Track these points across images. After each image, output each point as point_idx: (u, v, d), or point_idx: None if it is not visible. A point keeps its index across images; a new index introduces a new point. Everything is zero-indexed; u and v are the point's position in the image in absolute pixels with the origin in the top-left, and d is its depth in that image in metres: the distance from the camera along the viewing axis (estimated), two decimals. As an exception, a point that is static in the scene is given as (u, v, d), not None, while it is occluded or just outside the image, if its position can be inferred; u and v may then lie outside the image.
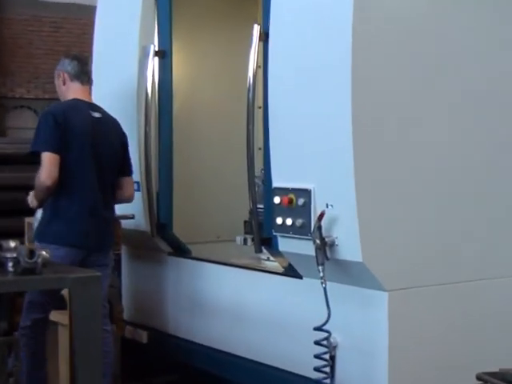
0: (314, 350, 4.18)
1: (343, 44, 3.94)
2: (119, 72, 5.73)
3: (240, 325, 4.96)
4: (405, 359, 4.09)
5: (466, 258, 4.33)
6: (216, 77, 6.00)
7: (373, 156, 4.00)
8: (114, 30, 5.86)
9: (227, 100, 5.80)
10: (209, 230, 5.90)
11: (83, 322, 3.77)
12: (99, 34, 6.05)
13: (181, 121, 5.70)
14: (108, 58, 5.90)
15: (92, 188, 5.05)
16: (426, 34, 4.18)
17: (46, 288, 4.98)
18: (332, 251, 4.04)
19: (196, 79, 6.00)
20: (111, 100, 5.81)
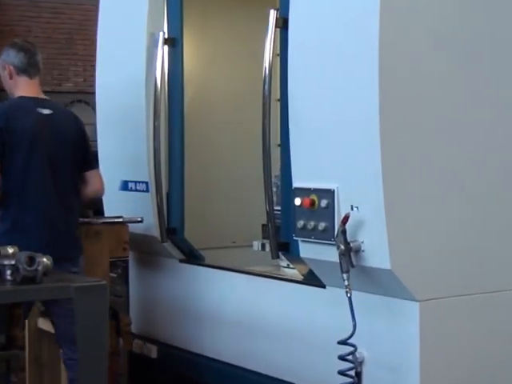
0: (338, 365, 4.17)
1: (370, 30, 3.94)
2: (125, 62, 5.77)
3: (257, 338, 4.98)
4: (438, 376, 4.09)
5: (504, 265, 4.32)
6: (230, 66, 6.03)
7: (402, 153, 4.00)
8: (119, 15, 5.89)
9: (243, 92, 5.83)
10: (223, 234, 5.92)
11: (88, 333, 3.79)
12: (103, 21, 6.09)
13: (192, 114, 5.73)
14: (113, 46, 5.94)
15: (46, 194, 5.02)
16: (458, 22, 4.18)
17: (47, 298, 5.03)
18: (358, 257, 4.05)
19: (209, 69, 6.03)
20: (116, 92, 5.87)
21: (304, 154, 4.37)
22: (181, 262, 5.64)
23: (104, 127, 6.10)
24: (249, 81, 5.50)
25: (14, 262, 3.69)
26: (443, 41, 4.12)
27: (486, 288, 4.24)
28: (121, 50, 5.84)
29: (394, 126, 3.98)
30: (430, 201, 4.08)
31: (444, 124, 4.13)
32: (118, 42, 5.87)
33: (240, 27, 6.00)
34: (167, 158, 5.60)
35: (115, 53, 5.90)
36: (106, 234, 5.32)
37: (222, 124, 6.02)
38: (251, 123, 5.08)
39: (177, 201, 5.57)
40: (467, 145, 4.21)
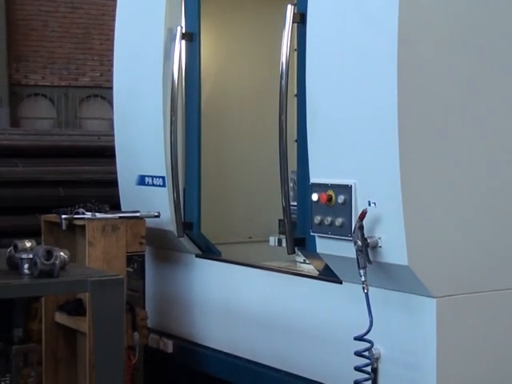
0: (355, 361, 4.17)
1: (389, 26, 3.93)
2: (143, 56, 5.76)
3: (272, 333, 4.98)
4: (455, 373, 4.08)
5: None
6: (248, 61, 6.03)
7: (420, 148, 3.99)
8: (137, 10, 5.89)
9: (260, 87, 5.82)
10: (240, 229, 5.94)
11: (104, 328, 3.80)
12: (121, 15, 6.09)
13: (210, 109, 5.73)
14: (131, 41, 5.94)
15: None
16: (476, 19, 4.16)
17: (65, 292, 5.05)
18: (375, 253, 4.05)
19: (226, 64, 6.03)
20: (134, 87, 5.87)
21: (321, 149, 4.37)
22: (197, 256, 5.64)
23: (121, 122, 6.10)
24: (266, 76, 5.51)
25: (31, 255, 3.70)
26: (462, 38, 4.10)
27: (504, 285, 4.23)
28: (138, 45, 5.83)
29: (412, 122, 3.96)
30: (447, 197, 4.06)
31: (461, 120, 4.12)
32: (136, 36, 5.87)
33: (258, 22, 6.00)
34: (184, 153, 5.60)
35: (133, 47, 5.90)
36: (123, 228, 5.32)
37: (239, 119, 6.03)
38: (268, 118, 5.08)
39: (193, 195, 5.56)
40: (485, 142, 4.19)
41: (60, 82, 15.13)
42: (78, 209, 5.35)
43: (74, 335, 5.54)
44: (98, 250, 5.22)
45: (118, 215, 5.44)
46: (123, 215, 5.47)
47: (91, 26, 14.81)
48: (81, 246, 5.33)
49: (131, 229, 5.38)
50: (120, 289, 3.86)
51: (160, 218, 5.53)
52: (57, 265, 3.69)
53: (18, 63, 14.79)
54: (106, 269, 4.99)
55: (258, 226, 5.89)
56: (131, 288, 5.60)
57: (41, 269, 3.66)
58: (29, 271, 3.69)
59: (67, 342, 5.59)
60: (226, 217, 5.88)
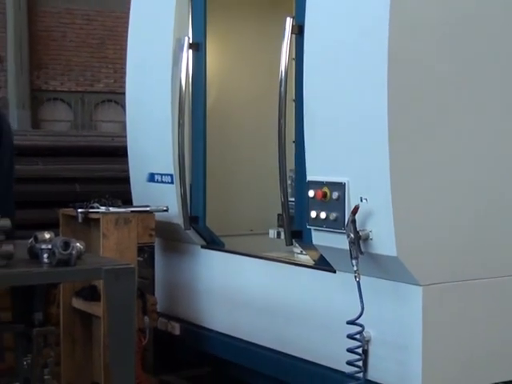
0: (347, 343, 4.16)
1: (380, 36, 3.91)
2: (153, 64, 5.74)
3: (271, 318, 4.96)
4: (439, 355, 4.06)
5: (504, 252, 4.29)
6: (250, 70, 6.01)
7: (408, 149, 3.98)
8: (148, 22, 5.87)
9: (261, 93, 5.80)
10: (242, 222, 5.92)
11: (117, 312, 3.79)
12: (134, 27, 6.06)
13: (214, 113, 5.71)
14: (142, 50, 5.92)
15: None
16: (466, 25, 4.14)
17: (81, 279, 5.03)
18: (366, 245, 4.03)
19: (229, 72, 6.02)
20: (145, 92, 5.86)
21: (317, 149, 4.35)
22: (202, 247, 5.63)
23: (133, 124, 6.08)
24: (266, 82, 5.48)
25: (50, 246, 3.69)
26: (449, 45, 4.08)
27: (486, 274, 4.21)
28: (149, 54, 5.81)
29: (401, 125, 3.95)
30: (434, 193, 4.05)
31: (448, 122, 4.10)
32: (147, 46, 5.85)
33: (259, 33, 5.98)
34: (190, 153, 5.58)
35: (144, 56, 5.89)
36: (135, 221, 5.30)
37: (241, 122, 6.01)
38: (268, 121, 5.06)
39: (199, 192, 5.54)
40: (471, 141, 4.17)
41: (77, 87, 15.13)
42: (93, 203, 5.34)
43: (90, 319, 5.52)
44: (111, 241, 5.20)
45: (129, 209, 5.41)
46: (134, 209, 5.45)
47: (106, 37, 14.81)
48: (95, 238, 5.31)
49: (142, 222, 5.36)
50: (132, 277, 3.84)
51: (168, 212, 5.51)
52: (73, 254, 3.67)
53: (38, 70, 14.80)
54: (118, 258, 4.98)
55: (258, 219, 5.87)
56: (142, 276, 5.59)
57: (59, 258, 3.65)
58: (48, 260, 3.67)
59: (83, 324, 5.57)
60: (229, 211, 5.87)
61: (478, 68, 4.19)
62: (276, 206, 4.93)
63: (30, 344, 3.87)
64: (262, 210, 5.81)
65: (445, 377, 4.04)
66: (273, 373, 4.94)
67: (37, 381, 3.84)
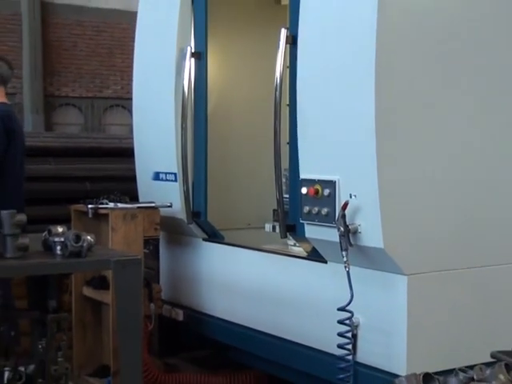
0: (338, 328, 4.16)
1: (367, 46, 3.90)
2: (158, 72, 5.72)
3: (268, 305, 4.94)
4: (422, 338, 4.06)
5: (484, 244, 4.28)
6: (248, 77, 5.99)
7: (394, 149, 3.97)
8: (153, 33, 5.85)
9: (258, 98, 5.76)
10: (240, 217, 5.90)
11: (125, 300, 3.78)
12: (140, 37, 6.04)
13: (215, 117, 5.69)
14: (148, 59, 5.90)
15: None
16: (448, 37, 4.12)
17: (91, 270, 5.02)
18: (355, 238, 4.02)
19: (229, 79, 6.00)
20: (150, 98, 5.85)
21: (309, 150, 4.34)
22: (204, 240, 5.61)
23: (139, 127, 6.06)
24: (263, 89, 5.45)
25: (63, 239, 3.69)
26: (432, 53, 4.07)
27: (466, 264, 4.20)
28: (154, 62, 5.80)
29: (387, 127, 3.94)
30: (418, 190, 4.04)
31: (430, 124, 4.09)
32: (152, 55, 5.84)
33: (256, 43, 5.95)
34: (193, 153, 5.56)
35: (149, 64, 5.87)
36: (141, 216, 5.29)
37: (239, 125, 6.00)
38: (264, 124, 5.03)
39: (201, 189, 5.53)
40: (452, 140, 4.16)
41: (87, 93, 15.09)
42: (103, 200, 5.34)
43: (99, 306, 5.52)
44: (119, 235, 5.19)
45: (136, 205, 5.41)
46: (141, 205, 5.44)
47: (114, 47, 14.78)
48: (105, 232, 5.30)
49: (148, 217, 5.35)
50: (138, 267, 3.84)
51: (172, 207, 5.50)
52: (84, 247, 3.67)
53: (51, 78, 14.76)
54: (126, 250, 4.96)
55: (255, 214, 5.85)
56: (148, 266, 5.58)
57: (71, 250, 3.65)
58: (61, 252, 3.67)
59: (93, 311, 5.56)
60: (228, 207, 5.85)
61: (458, 74, 4.18)
62: (272, 202, 4.93)
63: (45, 329, 3.86)
64: (259, 206, 5.79)
65: (427, 359, 4.02)
66: (268, 355, 4.93)
67: (51, 363, 3.82)
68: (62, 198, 6.59)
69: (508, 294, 4.38)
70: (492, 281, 4.31)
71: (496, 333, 4.23)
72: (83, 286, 5.50)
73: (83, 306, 5.55)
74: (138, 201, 5.74)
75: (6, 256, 3.61)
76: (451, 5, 4.15)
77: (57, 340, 3.89)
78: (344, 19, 4.09)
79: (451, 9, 4.15)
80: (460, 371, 2.62)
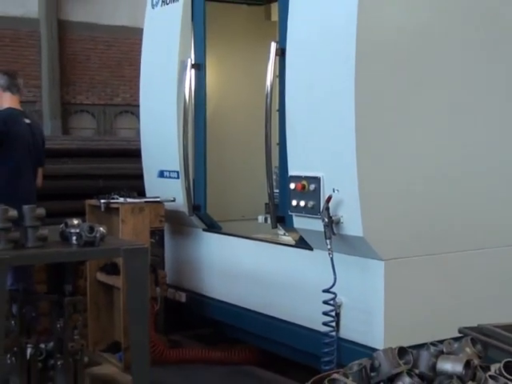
0: (323, 308, 4.17)
1: (348, 58, 3.90)
2: (162, 82, 5.69)
3: (261, 287, 4.94)
4: (398, 316, 4.06)
5: (452, 233, 4.28)
6: (242, 85, 5.98)
7: (373, 149, 3.96)
8: (157, 47, 5.82)
9: (251, 104, 5.75)
10: (236, 210, 5.89)
11: (134, 284, 3.77)
12: (146, 51, 6.02)
13: (213, 121, 5.67)
14: (153, 70, 5.87)
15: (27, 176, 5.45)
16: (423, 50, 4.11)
17: (104, 257, 5.00)
18: (338, 228, 4.02)
19: (225, 87, 5.99)
20: (155, 105, 5.82)
21: (297, 150, 4.34)
22: (203, 230, 5.59)
23: (146, 131, 6.03)
24: (255, 96, 5.42)
25: (78, 230, 3.67)
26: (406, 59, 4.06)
27: (437, 250, 4.21)
28: (159, 73, 5.77)
29: (366, 131, 3.94)
30: (394, 185, 4.04)
31: (407, 125, 4.09)
32: (157, 66, 5.81)
33: (249, 55, 5.94)
34: (193, 153, 5.53)
35: (154, 75, 5.84)
36: (148, 210, 5.27)
37: (234, 128, 5.98)
38: (257, 127, 5.00)
39: (200, 185, 5.51)
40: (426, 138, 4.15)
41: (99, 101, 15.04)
42: (114, 195, 5.31)
43: (111, 289, 5.49)
44: (128, 226, 5.16)
45: (143, 200, 5.38)
46: (147, 200, 5.42)
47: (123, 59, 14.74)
48: (115, 223, 5.27)
49: (153, 210, 5.33)
50: (145, 255, 3.83)
51: (175, 202, 5.48)
52: (97, 237, 3.66)
53: (67, 87, 14.72)
54: (134, 240, 4.94)
55: (249, 207, 5.84)
56: (154, 254, 5.55)
57: (85, 240, 3.63)
58: (76, 242, 3.66)
59: (106, 294, 5.53)
60: (225, 201, 5.83)
61: (431, 77, 4.17)
62: (264, 197, 4.91)
63: (62, 310, 3.84)
64: (252, 200, 5.77)
65: (402, 334, 4.01)
66: (261, 332, 4.93)
67: (68, 340, 3.81)
68: (78, 193, 6.55)
69: (474, 276, 4.39)
70: (459, 265, 4.32)
71: (463, 311, 4.23)
72: (97, 272, 5.47)
73: (97, 290, 5.52)
74: (145, 196, 5.71)
75: (27, 246, 3.59)
76: (423, 18, 4.14)
77: (73, 320, 3.87)
78: (327, 34, 4.09)
79: (423, 21, 4.14)
80: (431, 345, 2.61)
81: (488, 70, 4.40)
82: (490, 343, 3.00)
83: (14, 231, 3.56)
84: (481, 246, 4.39)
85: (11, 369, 3.73)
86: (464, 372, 2.40)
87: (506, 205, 4.51)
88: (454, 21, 4.25)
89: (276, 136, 4.68)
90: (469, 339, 2.65)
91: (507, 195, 4.51)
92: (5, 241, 3.52)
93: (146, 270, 3.87)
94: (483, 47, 4.36)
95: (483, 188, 4.41)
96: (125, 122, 15.09)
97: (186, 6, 5.49)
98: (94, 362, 4.25)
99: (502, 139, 4.49)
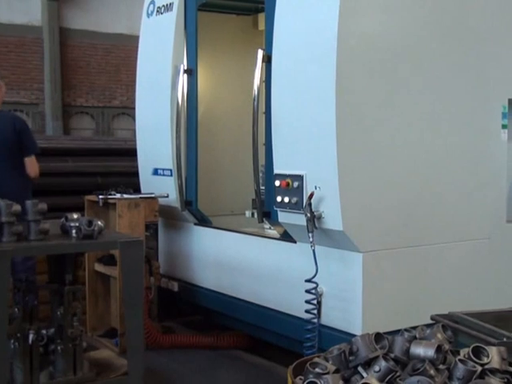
0: (305, 296, 4.17)
1: (329, 65, 3.89)
2: (157, 86, 5.66)
3: (248, 278, 4.93)
4: (375, 304, 4.06)
5: (426, 227, 4.29)
6: (231, 89, 5.95)
7: (352, 149, 3.95)
8: (152, 53, 5.79)
9: (240, 107, 5.74)
10: (225, 205, 5.87)
11: (129, 274, 3.75)
12: (141, 57, 5.99)
13: (204, 123, 5.65)
14: (148, 75, 5.84)
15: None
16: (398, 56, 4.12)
17: (101, 249, 4.97)
18: (319, 222, 4.01)
19: (216, 91, 5.96)
20: (150, 108, 5.79)
21: (282, 150, 4.32)
22: (195, 225, 5.57)
23: (141, 131, 6.00)
24: (243, 99, 5.42)
25: (77, 224, 3.65)
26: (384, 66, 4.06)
27: (412, 243, 4.22)
28: (153, 78, 5.74)
29: (346, 132, 3.93)
30: (372, 182, 4.03)
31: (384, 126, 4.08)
32: (152, 71, 5.78)
33: (238, 61, 5.92)
34: (186, 152, 5.51)
35: (150, 79, 5.81)
36: (143, 205, 5.26)
37: (224, 129, 5.96)
38: (245, 128, 5.01)
39: (192, 182, 5.49)
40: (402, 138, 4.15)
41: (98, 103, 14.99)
42: (111, 192, 5.28)
43: (108, 279, 5.48)
44: (124, 220, 5.15)
45: (138, 196, 5.37)
46: (142, 196, 5.40)
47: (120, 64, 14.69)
48: (112, 218, 5.26)
49: (148, 205, 5.31)
50: (140, 247, 3.80)
51: (168, 198, 5.46)
52: (96, 230, 3.64)
53: (69, 90, 14.65)
54: (130, 233, 4.93)
55: (237, 203, 5.83)
56: (148, 246, 5.55)
57: (84, 233, 3.61)
58: (76, 235, 3.64)
59: (103, 284, 5.52)
60: (215, 197, 5.81)
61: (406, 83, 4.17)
62: (251, 193, 4.90)
63: (62, 299, 3.82)
64: (240, 196, 5.76)
65: (379, 321, 4.02)
66: (248, 319, 4.92)
67: (68, 326, 3.78)
68: (78, 190, 6.52)
69: (445, 267, 4.39)
70: (432, 257, 4.33)
71: (435, 299, 4.24)
72: (95, 263, 5.46)
73: (95, 280, 5.50)
74: (140, 192, 5.70)
75: (29, 238, 3.57)
76: (400, 27, 4.15)
77: (73, 308, 3.85)
78: (310, 42, 4.07)
79: (400, 29, 4.14)
80: (405, 331, 2.61)
81: (459, 76, 4.41)
82: (460, 329, 3.01)
83: (17, 225, 3.54)
84: (452, 240, 4.40)
85: (14, 353, 3.70)
86: (435, 356, 2.40)
87: (476, 201, 4.52)
88: (429, 29, 4.25)
89: (262, 137, 4.67)
90: (440, 326, 2.66)
91: (477, 192, 4.53)
92: (9, 234, 3.50)
93: (141, 261, 3.85)
94: (455, 54, 4.37)
95: (455, 185, 4.42)
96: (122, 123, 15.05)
97: (179, 15, 5.46)
98: (91, 347, 4.22)
99: (473, 140, 4.50)
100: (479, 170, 4.54)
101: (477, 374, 2.36)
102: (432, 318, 3.20)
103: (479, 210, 4.53)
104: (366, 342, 2.45)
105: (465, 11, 4.42)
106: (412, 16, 4.18)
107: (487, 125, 4.57)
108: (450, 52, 4.35)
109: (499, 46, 4.59)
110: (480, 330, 2.94)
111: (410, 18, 4.17)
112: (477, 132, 4.52)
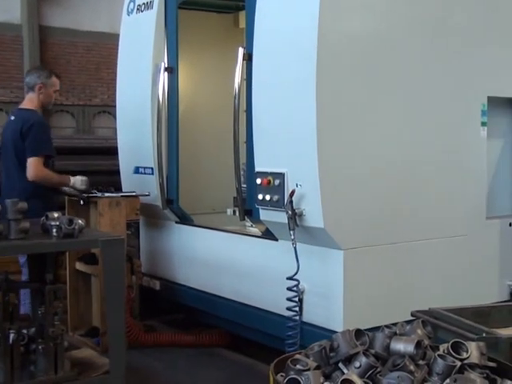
0: (287, 294, 4.17)
1: (309, 63, 3.90)
2: (137, 84, 5.64)
3: (230, 275, 4.92)
4: (356, 301, 4.08)
5: (405, 225, 4.31)
6: (212, 87, 5.96)
7: (332, 148, 3.97)
8: (133, 51, 5.77)
9: (221, 105, 5.72)
10: (206, 203, 5.88)
11: (111, 273, 3.72)
12: (122, 55, 5.96)
13: (185, 121, 5.64)
14: (129, 73, 5.82)
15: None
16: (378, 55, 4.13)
17: (82, 248, 4.94)
18: (300, 220, 4.02)
19: (196, 89, 5.96)
20: (131, 106, 5.77)
21: (263, 148, 4.33)
22: (176, 223, 5.56)
23: (122, 129, 5.98)
24: (224, 97, 5.40)
25: (58, 223, 3.62)
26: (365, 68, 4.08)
27: (392, 240, 4.24)
28: (134, 76, 5.71)
29: (326, 130, 3.94)
30: (352, 181, 4.05)
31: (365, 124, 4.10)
32: (132, 70, 5.75)
33: (219, 59, 5.93)
34: (167, 151, 5.50)
35: (130, 77, 5.78)
36: (124, 203, 5.23)
37: (205, 127, 5.96)
38: (226, 127, 4.99)
39: (173, 180, 5.47)
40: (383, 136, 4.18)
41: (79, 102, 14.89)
42: (92, 190, 5.25)
43: (90, 278, 5.44)
44: (106, 219, 5.12)
45: (120, 194, 5.33)
46: (124, 194, 5.37)
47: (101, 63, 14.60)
48: (94, 216, 5.23)
49: (129, 204, 5.29)
50: (122, 245, 3.78)
51: (150, 196, 5.44)
52: (76, 229, 3.60)
53: (48, 89, 14.54)
54: (111, 232, 4.90)
55: (219, 201, 5.83)
56: (130, 245, 5.53)
57: (65, 232, 3.58)
58: (56, 234, 3.60)
59: (84, 282, 5.48)
60: (196, 195, 5.81)
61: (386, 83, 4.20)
62: (232, 191, 4.89)
63: (44, 298, 3.78)
64: (222, 194, 5.75)
65: (359, 318, 4.04)
66: (230, 317, 4.92)
67: (49, 326, 3.75)
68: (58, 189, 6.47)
69: (425, 264, 4.43)
70: (412, 254, 4.36)
71: (415, 296, 4.28)
72: (76, 262, 5.42)
73: (76, 278, 5.46)
74: (122, 190, 5.67)
75: (10, 237, 3.53)
76: (379, 26, 4.17)
77: (54, 307, 3.81)
78: (290, 40, 4.08)
79: (379, 28, 4.17)
80: (386, 327, 2.62)
81: (439, 74, 4.43)
82: (439, 325, 3.04)
83: (-3, 224, 3.51)
84: (433, 236, 4.44)
85: (-6, 353, 3.66)
86: (415, 352, 2.42)
87: (456, 198, 4.56)
88: (410, 28, 4.27)
89: (243, 135, 4.67)
90: (420, 322, 2.68)
91: (457, 189, 4.56)
92: (-12, 233, 3.46)
93: (123, 260, 3.83)
94: (435, 53, 4.40)
95: (435, 182, 4.45)
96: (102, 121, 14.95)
97: (159, 13, 5.44)
98: (73, 346, 4.19)
99: (453, 137, 4.54)
100: (459, 167, 4.57)
101: (456, 369, 2.37)
102: (412, 314, 3.23)
103: (459, 207, 4.57)
104: (346, 338, 2.46)
105: (446, 11, 4.45)
106: (393, 15, 4.21)
107: (467, 122, 4.61)
108: (430, 51, 4.37)
109: (479, 45, 4.63)
110: (459, 326, 2.97)
111: (391, 17, 4.20)
112: (456, 129, 4.55)
